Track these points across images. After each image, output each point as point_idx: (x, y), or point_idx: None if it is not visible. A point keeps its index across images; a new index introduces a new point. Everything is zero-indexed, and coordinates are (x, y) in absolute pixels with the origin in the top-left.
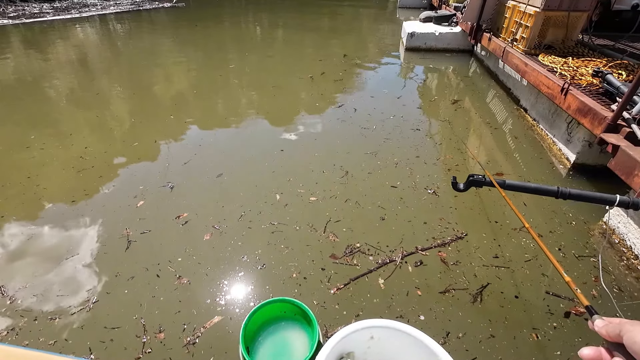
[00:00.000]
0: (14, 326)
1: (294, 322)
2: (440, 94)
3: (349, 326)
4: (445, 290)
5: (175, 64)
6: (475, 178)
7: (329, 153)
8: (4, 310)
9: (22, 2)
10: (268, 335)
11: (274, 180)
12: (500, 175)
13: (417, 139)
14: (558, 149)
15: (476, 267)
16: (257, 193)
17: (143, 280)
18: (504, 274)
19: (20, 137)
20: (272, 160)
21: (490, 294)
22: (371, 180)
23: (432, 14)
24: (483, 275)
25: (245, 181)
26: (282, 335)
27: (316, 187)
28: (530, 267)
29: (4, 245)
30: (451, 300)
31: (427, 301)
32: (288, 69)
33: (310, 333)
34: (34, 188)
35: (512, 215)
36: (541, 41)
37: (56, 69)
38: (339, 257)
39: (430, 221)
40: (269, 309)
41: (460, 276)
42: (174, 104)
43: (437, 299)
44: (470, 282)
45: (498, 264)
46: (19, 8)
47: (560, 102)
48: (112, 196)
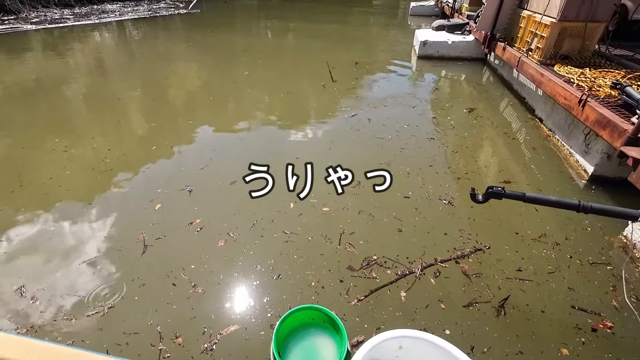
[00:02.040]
0: (32, 324)
1: (323, 329)
2: (454, 102)
3: (379, 335)
4: (469, 303)
5: (192, 70)
6: (494, 190)
7: (343, 163)
8: (24, 308)
9: (44, 8)
10: (297, 341)
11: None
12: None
13: (433, 149)
14: (575, 160)
15: (499, 280)
16: (270, 201)
17: (158, 286)
18: (528, 287)
19: (45, 139)
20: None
21: (515, 307)
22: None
23: (445, 22)
24: (507, 288)
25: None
26: (311, 341)
27: (329, 198)
28: (555, 279)
29: (26, 245)
30: (476, 313)
31: (451, 314)
32: (300, 76)
33: (338, 341)
34: (55, 188)
35: (532, 225)
36: (557, 51)
37: (78, 74)
38: (357, 269)
39: (450, 232)
40: (299, 316)
41: (484, 289)
42: (191, 109)
43: (461, 313)
44: (494, 295)
45: (522, 277)
46: (41, 14)
47: (578, 114)
48: (130, 199)
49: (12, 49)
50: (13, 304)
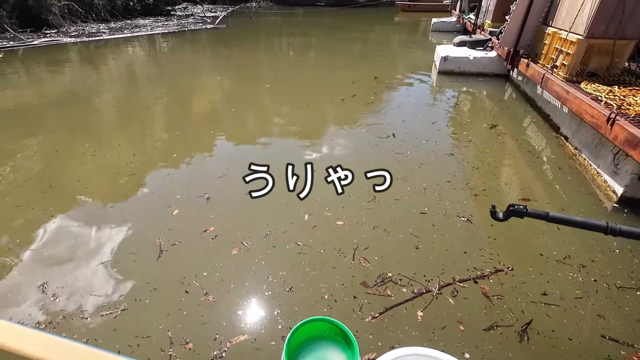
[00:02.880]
0: (51, 320)
1: (334, 342)
2: (474, 118)
3: (396, 351)
4: (490, 326)
5: (216, 81)
6: (516, 208)
7: (360, 178)
8: (44, 305)
9: (82, 22)
10: (308, 353)
11: (303, 201)
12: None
13: (452, 165)
14: (603, 180)
15: (523, 303)
16: (285, 212)
17: (171, 292)
18: (554, 313)
19: (77, 144)
20: (302, 181)
21: (540, 332)
22: (399, 205)
23: (467, 38)
24: (531, 312)
25: (274, 200)
26: (322, 354)
27: (343, 212)
28: (583, 305)
29: (51, 243)
30: (498, 337)
31: (471, 337)
32: (319, 90)
33: (349, 355)
34: (82, 190)
35: (556, 246)
36: (584, 68)
37: (111, 84)
38: (371, 285)
39: (470, 251)
40: (310, 327)
41: (506, 312)
42: (213, 119)
43: (482, 336)
44: (517, 318)
45: (547, 301)
46: (80, 28)
47: (606, 132)
48: (150, 203)
49: (52, 60)
50: (36, 299)
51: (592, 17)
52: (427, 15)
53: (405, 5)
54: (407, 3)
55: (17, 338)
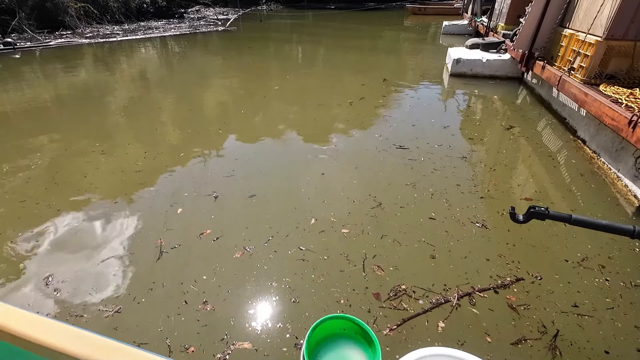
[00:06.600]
0: (53, 313)
1: (354, 341)
2: (489, 121)
3: (419, 350)
4: (518, 340)
5: (226, 82)
6: (537, 210)
7: (369, 182)
8: (46, 297)
9: (97, 24)
10: (327, 350)
11: (309, 204)
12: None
13: (466, 169)
14: (624, 184)
15: (553, 313)
16: (292, 216)
17: (170, 293)
18: (587, 324)
19: (87, 142)
20: (308, 185)
21: (573, 344)
22: (407, 212)
23: (480, 40)
24: (562, 323)
25: (281, 202)
26: (341, 352)
27: (349, 219)
28: (617, 315)
29: (56, 238)
30: (529, 350)
31: (498, 349)
32: (328, 93)
33: (370, 354)
34: (87, 186)
35: (579, 250)
36: (602, 71)
37: (123, 84)
38: (384, 299)
39: (492, 259)
40: (329, 325)
41: (535, 323)
42: (222, 120)
43: (511, 349)
44: (548, 330)
45: (579, 312)
46: (95, 29)
47: (628, 136)
48: (154, 202)
49: (68, 60)
50: (40, 293)
51: (612, 18)
52: (437, 19)
53: (416, 8)
54: (418, 6)
55: (38, 328)
